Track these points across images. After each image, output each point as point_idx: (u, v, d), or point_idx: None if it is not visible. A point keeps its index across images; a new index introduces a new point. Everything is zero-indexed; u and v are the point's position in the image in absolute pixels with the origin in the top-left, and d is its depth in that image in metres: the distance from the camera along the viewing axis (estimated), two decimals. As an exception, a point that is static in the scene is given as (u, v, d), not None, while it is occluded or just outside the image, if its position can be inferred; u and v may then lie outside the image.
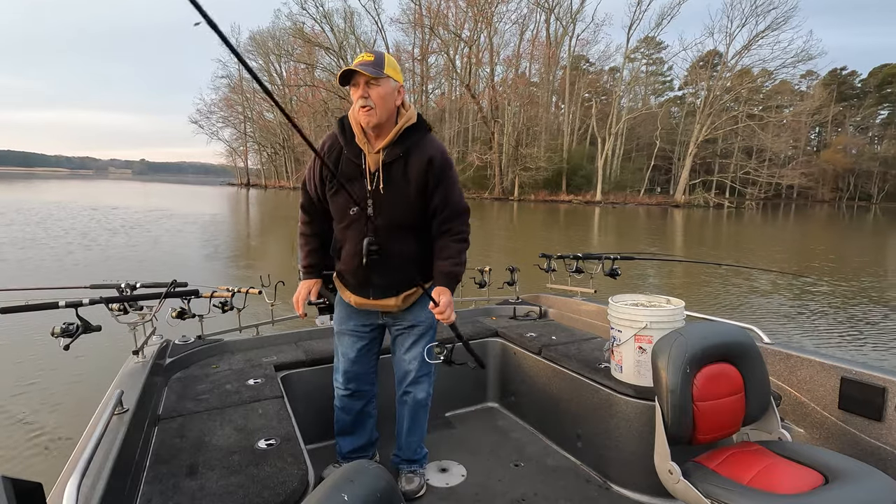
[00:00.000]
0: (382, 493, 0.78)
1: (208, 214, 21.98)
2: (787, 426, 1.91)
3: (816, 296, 8.27)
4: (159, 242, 12.41)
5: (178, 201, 30.88)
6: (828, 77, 55.40)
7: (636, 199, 41.91)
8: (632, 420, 2.01)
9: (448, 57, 43.04)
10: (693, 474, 1.44)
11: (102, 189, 46.64)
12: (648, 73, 51.20)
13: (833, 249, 15.27)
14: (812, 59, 39.32)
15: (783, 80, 44.78)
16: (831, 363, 1.84)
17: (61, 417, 3.59)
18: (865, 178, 55.58)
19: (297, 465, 1.38)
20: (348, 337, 2.01)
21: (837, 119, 56.89)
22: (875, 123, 58.18)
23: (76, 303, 1.76)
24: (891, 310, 7.45)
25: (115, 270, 8.64)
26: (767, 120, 43.07)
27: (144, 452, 1.47)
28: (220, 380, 2.04)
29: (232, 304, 2.33)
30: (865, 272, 10.70)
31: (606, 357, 2.25)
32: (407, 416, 2.05)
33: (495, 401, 2.87)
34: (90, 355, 4.41)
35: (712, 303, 7.63)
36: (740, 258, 12.64)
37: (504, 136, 41.91)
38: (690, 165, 42.02)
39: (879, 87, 56.75)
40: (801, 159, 49.71)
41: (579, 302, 2.99)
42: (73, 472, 1.02)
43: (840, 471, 1.37)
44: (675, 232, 20.65)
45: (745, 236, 19.92)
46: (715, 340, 1.58)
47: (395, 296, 1.86)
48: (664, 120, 47.53)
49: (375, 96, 1.65)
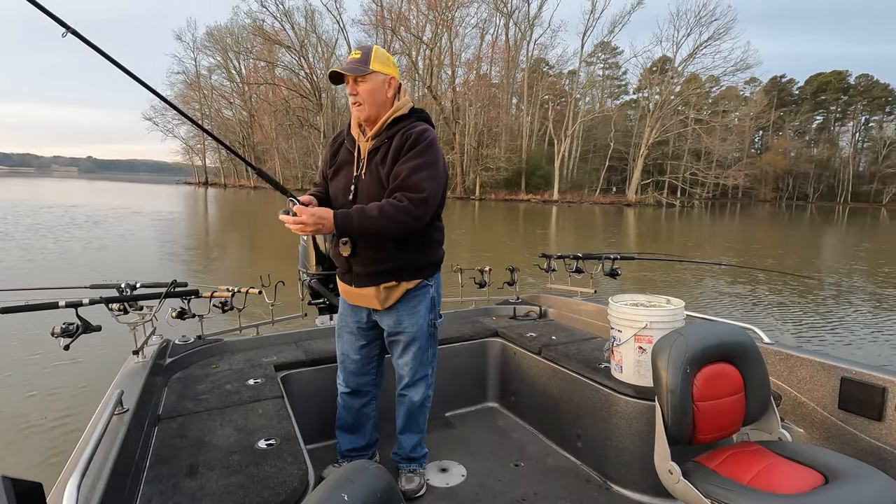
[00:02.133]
0: (382, 493, 0.78)
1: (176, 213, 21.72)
2: (787, 426, 1.91)
3: (811, 294, 8.42)
4: (127, 240, 12.32)
5: (140, 201, 29.98)
6: (769, 84, 59.40)
7: (591, 199, 43.70)
8: (632, 420, 2.00)
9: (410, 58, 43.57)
10: (693, 474, 1.44)
11: (51, 188, 44.71)
12: (605, 77, 53.45)
13: (779, 244, 16.87)
14: (749, 67, 42.82)
15: (729, 86, 47.75)
16: (831, 363, 1.83)
17: (61, 417, 3.60)
18: (803, 179, 59.96)
19: (297, 465, 1.38)
20: (347, 334, 2.02)
21: (777, 123, 61.14)
22: (811, 128, 62.71)
23: (76, 303, 1.77)
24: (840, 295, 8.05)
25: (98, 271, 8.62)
26: (712, 124, 45.86)
27: (144, 452, 1.47)
28: (220, 380, 2.04)
29: (232, 304, 2.33)
30: (810, 266, 11.81)
31: (606, 357, 2.25)
32: (404, 416, 2.06)
33: (495, 401, 2.87)
34: (90, 355, 4.42)
35: (706, 301, 7.73)
36: (688, 252, 13.43)
37: (465, 136, 42.79)
38: (642, 166, 44.20)
39: (815, 94, 61.31)
40: (745, 161, 52.91)
41: (579, 302, 2.99)
42: (73, 472, 1.02)
43: (840, 471, 1.37)
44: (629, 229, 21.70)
45: (695, 233, 21.38)
46: (715, 340, 1.58)
47: (374, 286, 1.84)
48: (621, 122, 49.96)
49: (363, 92, 1.73)
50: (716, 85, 47.42)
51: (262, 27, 46.98)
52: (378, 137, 1.78)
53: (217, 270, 9.49)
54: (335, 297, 2.83)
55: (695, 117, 45.55)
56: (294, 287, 2.63)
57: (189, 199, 34.96)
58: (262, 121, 53.56)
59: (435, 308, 1.97)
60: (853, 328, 6.45)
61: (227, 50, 52.89)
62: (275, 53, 49.06)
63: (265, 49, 49.61)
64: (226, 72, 55.09)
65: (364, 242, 1.77)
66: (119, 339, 2.12)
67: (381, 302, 1.86)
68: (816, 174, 59.80)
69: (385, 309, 1.89)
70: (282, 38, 46.71)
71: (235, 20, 52.81)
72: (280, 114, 49.29)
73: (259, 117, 54.22)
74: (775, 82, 61.79)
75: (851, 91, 60.86)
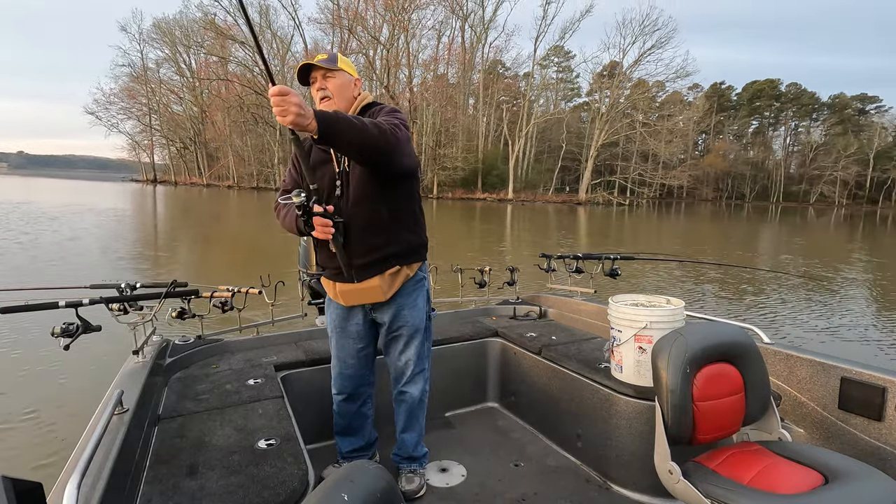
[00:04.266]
0: (382, 493, 0.79)
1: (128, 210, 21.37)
2: (787, 426, 1.91)
3: (811, 293, 8.47)
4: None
5: (93, 198, 28.91)
6: (710, 90, 63.09)
7: (545, 198, 45.12)
8: (632, 420, 2.00)
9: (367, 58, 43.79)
10: (693, 474, 1.44)
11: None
12: (558, 80, 55.42)
13: (724, 240, 18.46)
14: (689, 75, 45.94)
15: (674, 91, 50.69)
16: (831, 363, 1.84)
17: (61, 417, 3.60)
18: (740, 180, 63.89)
19: (297, 465, 1.39)
20: (343, 339, 2.00)
21: (718, 127, 64.98)
22: (748, 132, 67.03)
23: (76, 303, 1.77)
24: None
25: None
26: (655, 127, 48.60)
27: (144, 452, 1.48)
28: (220, 380, 2.04)
29: (232, 304, 2.33)
30: (755, 259, 12.88)
31: (606, 357, 2.24)
32: (404, 414, 2.06)
33: (495, 401, 2.86)
34: (90, 355, 4.40)
35: (703, 300, 7.77)
36: (639, 248, 14.15)
37: (423, 136, 43.45)
38: (593, 167, 46.33)
39: (750, 100, 65.56)
40: (688, 163, 56.23)
41: (579, 302, 2.99)
42: (73, 472, 1.02)
43: (840, 471, 1.37)
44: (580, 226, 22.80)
45: (644, 229, 22.90)
46: (715, 340, 1.58)
47: (379, 274, 1.82)
48: (574, 124, 52.14)
49: (332, 87, 1.78)
50: (661, 90, 50.35)
51: (213, 21, 45.88)
52: None
53: (183, 269, 9.49)
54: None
55: (642, 121, 48.14)
56: (294, 287, 2.66)
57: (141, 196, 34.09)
58: (215, 117, 52.25)
59: (430, 300, 2.03)
60: (853, 327, 6.50)
61: (177, 43, 51.13)
62: (228, 48, 48.08)
63: (217, 44, 48.40)
64: (175, 65, 53.40)
65: (359, 232, 1.75)
66: (119, 339, 2.12)
67: (384, 292, 1.85)
68: (752, 175, 64.06)
69: (385, 303, 1.88)
70: (235, 33, 45.81)
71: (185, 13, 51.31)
72: (234, 110, 48.31)
73: (211, 113, 52.84)
74: (716, 88, 65.77)
75: (783, 98, 65.64)
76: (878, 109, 62.95)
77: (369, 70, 42.76)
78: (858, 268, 12.15)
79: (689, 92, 57.84)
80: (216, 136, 52.49)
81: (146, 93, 53.72)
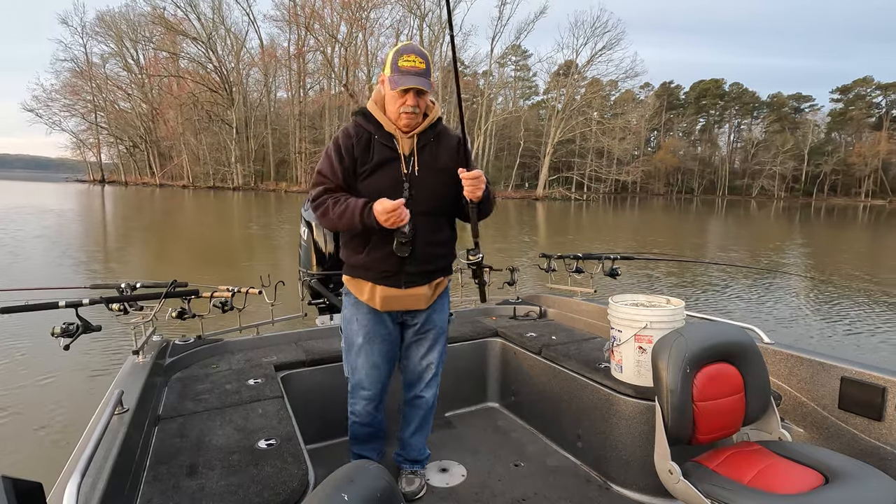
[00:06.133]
0: (382, 493, 0.79)
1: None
2: (787, 426, 1.91)
3: (810, 292, 8.49)
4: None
5: (43, 199, 27.46)
6: (660, 89, 65.86)
7: (504, 193, 46.42)
8: (632, 420, 2.00)
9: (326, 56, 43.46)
10: (693, 474, 1.44)
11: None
12: (516, 79, 56.67)
13: (676, 232, 19.90)
14: (637, 75, 48.05)
15: (627, 90, 52.89)
16: (831, 363, 1.84)
17: (61, 417, 3.60)
18: (689, 175, 67.45)
19: (297, 465, 1.39)
20: (379, 345, 1.89)
21: (668, 125, 68.05)
22: (695, 129, 70.41)
23: (76, 303, 1.77)
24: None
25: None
26: (609, 124, 50.57)
27: (144, 452, 1.48)
28: (220, 380, 2.04)
29: (232, 304, 2.33)
30: (704, 250, 13.84)
31: (606, 357, 2.24)
32: (417, 419, 2.04)
33: (495, 401, 2.87)
34: (90, 355, 4.39)
35: (699, 299, 7.78)
36: (599, 240, 14.66)
37: (383, 134, 43.41)
38: (550, 164, 47.62)
39: (697, 99, 69.07)
40: (641, 159, 58.72)
41: (579, 302, 2.99)
42: (73, 472, 1.02)
43: (840, 471, 1.38)
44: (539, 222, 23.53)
45: (600, 223, 23.82)
46: (715, 340, 1.58)
47: (426, 283, 1.83)
48: (533, 122, 53.55)
49: (423, 104, 1.75)
50: (615, 89, 52.39)
51: (163, 16, 44.43)
52: (423, 134, 1.79)
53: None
54: (335, 297, 2.81)
55: (597, 118, 49.95)
56: (294, 287, 2.67)
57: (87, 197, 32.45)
58: (167, 115, 50.43)
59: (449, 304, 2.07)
60: (852, 326, 6.54)
61: (123, 37, 49.10)
62: (178, 44, 46.57)
63: (167, 39, 46.84)
64: (122, 61, 51.18)
65: (424, 241, 1.77)
66: (119, 339, 2.17)
67: (426, 300, 1.86)
68: (700, 170, 67.96)
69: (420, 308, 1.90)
70: (186, 27, 44.51)
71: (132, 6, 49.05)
72: (187, 108, 46.86)
73: (163, 111, 50.96)
74: (665, 87, 68.94)
75: (727, 97, 69.65)
76: (811, 108, 68.30)
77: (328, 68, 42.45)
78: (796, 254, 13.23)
79: (641, 91, 60.78)
80: (169, 135, 50.32)
81: (91, 89, 51.03)
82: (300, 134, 48.15)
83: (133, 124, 52.26)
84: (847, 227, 25.51)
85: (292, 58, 47.55)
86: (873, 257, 13.88)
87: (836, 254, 14.14)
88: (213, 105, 46.77)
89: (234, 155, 46.70)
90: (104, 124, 52.99)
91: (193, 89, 45.58)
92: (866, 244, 17.66)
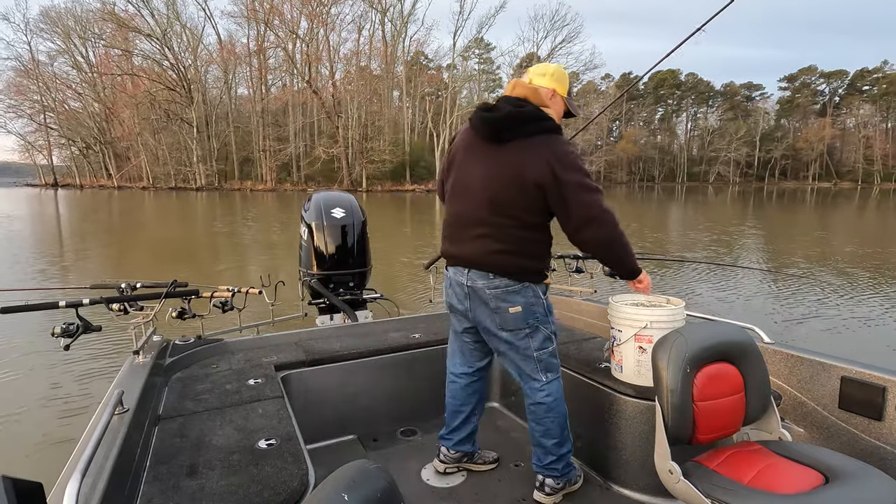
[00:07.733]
0: (382, 493, 0.79)
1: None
2: (787, 426, 1.90)
3: (809, 292, 8.28)
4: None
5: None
6: (620, 80, 67.28)
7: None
8: (632, 420, 2.00)
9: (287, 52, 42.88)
10: (693, 474, 1.44)
11: None
12: (480, 72, 57.02)
13: (639, 222, 19.77)
14: (596, 67, 49.14)
15: (588, 81, 54.09)
16: (831, 363, 1.84)
17: (61, 417, 3.61)
18: (650, 163, 69.48)
19: (298, 465, 1.39)
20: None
21: (629, 115, 69.68)
22: (655, 119, 72.46)
23: (76, 303, 1.77)
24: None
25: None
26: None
27: (145, 452, 1.48)
28: (220, 380, 2.04)
29: (232, 304, 2.34)
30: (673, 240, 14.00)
31: (606, 357, 2.25)
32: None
33: (495, 401, 2.86)
34: (91, 355, 4.38)
35: (697, 299, 7.72)
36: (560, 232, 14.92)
37: (349, 130, 43.35)
38: (516, 156, 48.25)
39: (655, 89, 70.94)
40: (604, 149, 60.14)
41: (579, 302, 2.98)
42: (73, 472, 1.02)
43: (840, 470, 1.38)
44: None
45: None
46: (715, 340, 1.59)
47: None
48: (497, 115, 53.72)
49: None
50: (577, 81, 53.39)
51: (113, 11, 42.86)
52: None
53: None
54: (335, 297, 2.80)
55: (558, 110, 50.99)
56: (294, 287, 2.69)
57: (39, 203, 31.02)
58: (122, 114, 48.62)
59: None
60: (853, 326, 6.48)
61: (71, 34, 46.97)
62: (131, 41, 45.01)
63: (119, 35, 45.23)
64: (71, 59, 49.06)
65: None
66: (119, 339, 2.18)
67: None
68: (660, 158, 70.28)
69: None
70: (139, 23, 43.04)
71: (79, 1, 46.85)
72: (144, 107, 45.33)
73: (117, 110, 49.10)
74: (625, 78, 70.27)
75: (683, 87, 71.71)
76: (762, 96, 71.00)
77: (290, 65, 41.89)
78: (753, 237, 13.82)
79: (602, 82, 62.09)
80: (125, 135, 48.34)
81: (38, 88, 48.78)
82: (264, 131, 47.02)
83: (85, 125, 49.99)
84: (798, 211, 26.68)
85: (252, 54, 46.83)
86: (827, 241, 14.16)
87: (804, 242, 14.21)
88: (171, 103, 45.42)
89: (195, 154, 45.20)
90: (54, 125, 50.72)
91: (149, 87, 44.04)
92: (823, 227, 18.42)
